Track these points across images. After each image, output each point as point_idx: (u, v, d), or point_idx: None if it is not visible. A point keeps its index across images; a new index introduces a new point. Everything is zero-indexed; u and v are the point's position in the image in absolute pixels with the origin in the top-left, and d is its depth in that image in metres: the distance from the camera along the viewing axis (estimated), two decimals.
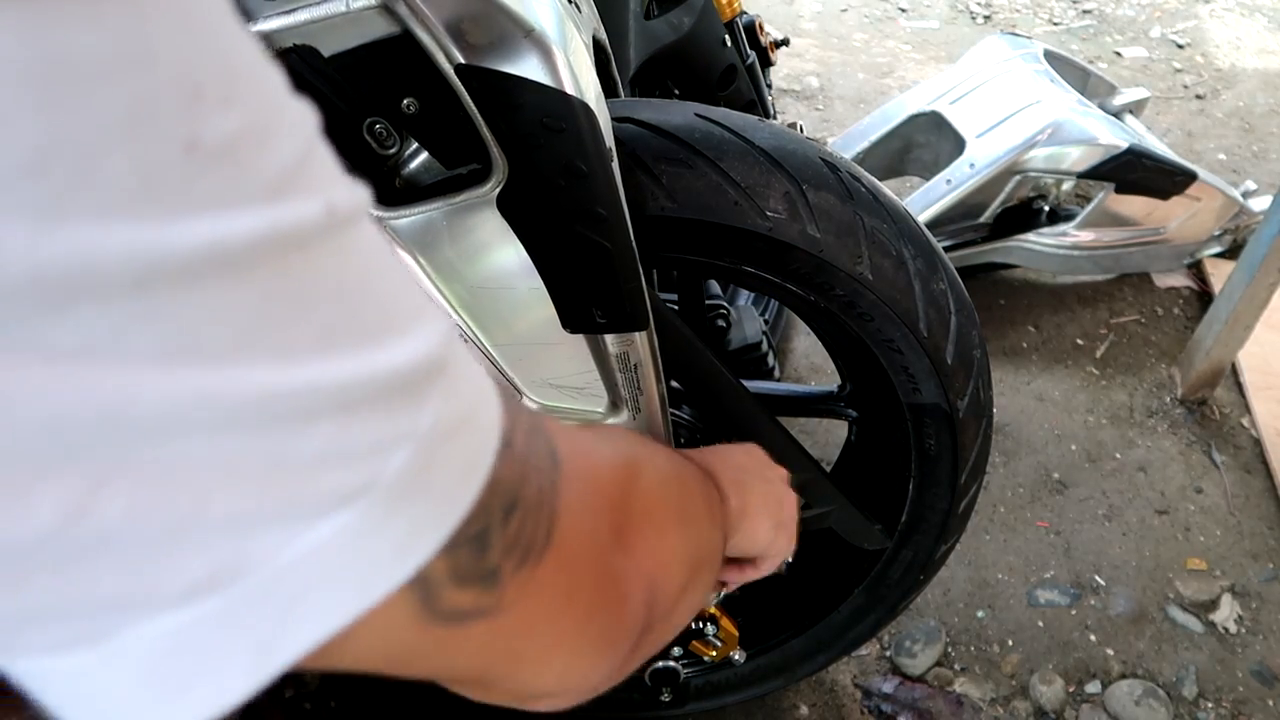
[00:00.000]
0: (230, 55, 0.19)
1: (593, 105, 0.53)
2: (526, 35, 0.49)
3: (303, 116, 0.21)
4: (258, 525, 0.19)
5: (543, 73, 0.50)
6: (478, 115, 0.50)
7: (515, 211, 0.55)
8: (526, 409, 0.29)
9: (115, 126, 0.16)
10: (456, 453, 0.23)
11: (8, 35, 0.15)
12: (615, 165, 0.56)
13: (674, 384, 0.78)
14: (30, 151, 0.15)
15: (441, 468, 0.22)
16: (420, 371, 0.22)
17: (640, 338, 0.62)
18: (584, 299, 0.59)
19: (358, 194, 0.22)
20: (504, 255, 0.56)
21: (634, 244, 0.58)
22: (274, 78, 0.20)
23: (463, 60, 0.48)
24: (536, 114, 0.51)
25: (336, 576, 0.20)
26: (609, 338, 0.61)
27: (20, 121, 0.15)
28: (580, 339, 0.61)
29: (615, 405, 0.66)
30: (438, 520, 0.22)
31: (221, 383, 0.18)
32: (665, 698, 1.02)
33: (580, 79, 0.52)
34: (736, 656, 0.95)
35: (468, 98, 0.49)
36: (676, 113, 0.69)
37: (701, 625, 0.91)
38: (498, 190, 0.54)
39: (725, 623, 0.91)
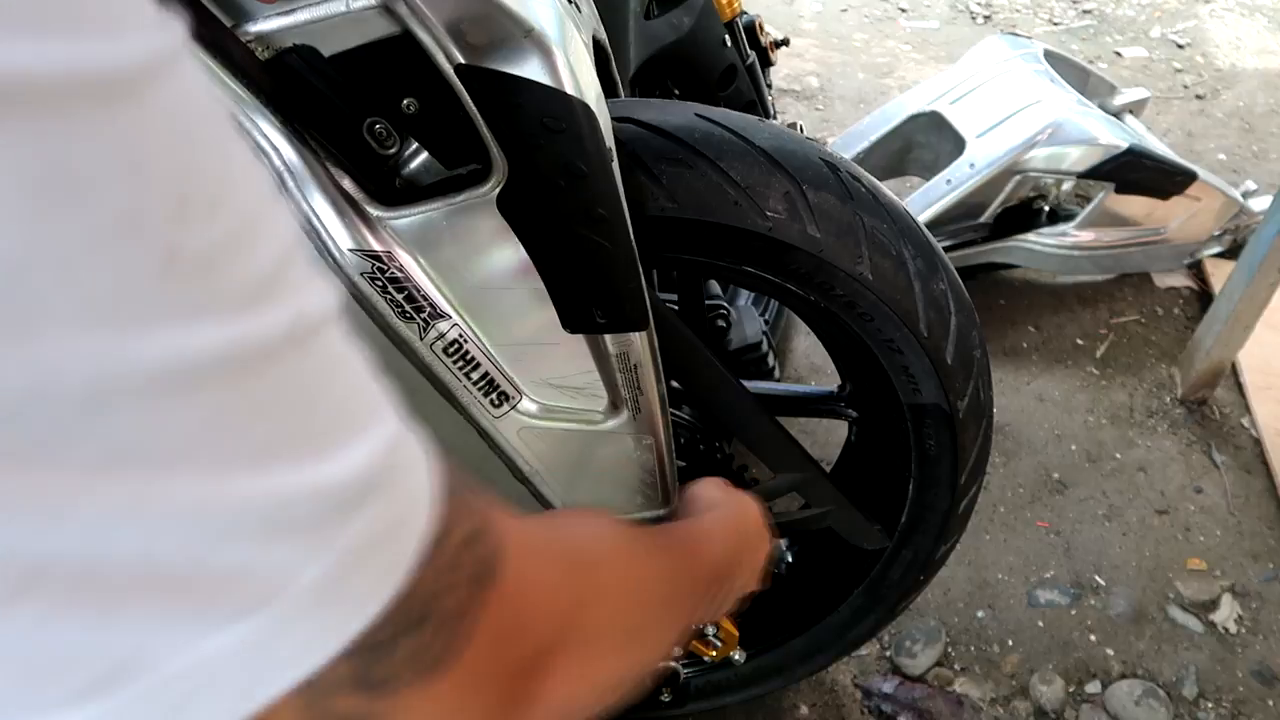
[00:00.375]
0: (220, 161, 0.19)
1: (593, 105, 0.53)
2: (526, 35, 0.49)
3: (285, 220, 0.21)
4: (157, 632, 0.19)
5: (543, 73, 0.50)
6: (478, 115, 0.50)
7: (515, 212, 0.54)
8: (476, 506, 0.28)
9: (101, 237, 0.16)
10: (374, 564, 0.22)
11: (11, 147, 0.15)
12: (615, 165, 0.56)
13: (674, 384, 0.78)
14: (11, 263, 0.15)
15: (354, 579, 0.22)
16: (357, 485, 0.21)
17: (640, 338, 0.62)
18: (584, 299, 0.59)
19: (328, 297, 0.22)
20: (504, 255, 0.56)
21: (634, 244, 0.58)
22: (262, 180, 0.20)
23: (463, 60, 0.48)
24: (536, 114, 0.51)
25: (225, 683, 0.20)
26: (609, 338, 0.61)
27: (7, 232, 0.15)
28: (580, 339, 0.61)
29: (615, 405, 0.66)
30: (338, 630, 0.22)
31: (154, 493, 0.18)
32: (665, 698, 1.02)
33: (580, 79, 0.52)
34: (736, 656, 0.95)
35: (468, 98, 0.49)
36: (676, 113, 0.69)
37: (702, 626, 0.91)
38: (498, 190, 0.53)
39: (725, 623, 0.91)
